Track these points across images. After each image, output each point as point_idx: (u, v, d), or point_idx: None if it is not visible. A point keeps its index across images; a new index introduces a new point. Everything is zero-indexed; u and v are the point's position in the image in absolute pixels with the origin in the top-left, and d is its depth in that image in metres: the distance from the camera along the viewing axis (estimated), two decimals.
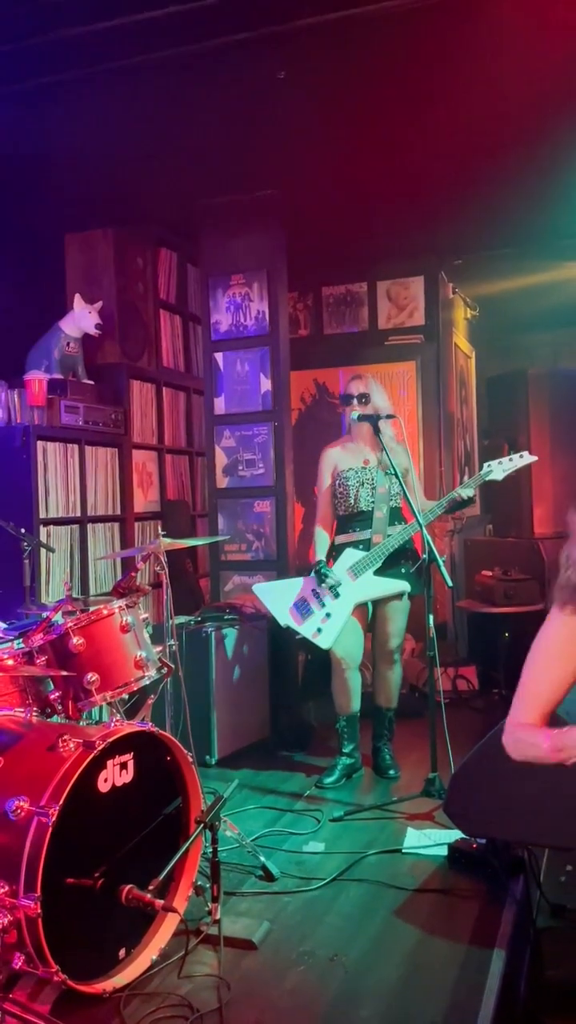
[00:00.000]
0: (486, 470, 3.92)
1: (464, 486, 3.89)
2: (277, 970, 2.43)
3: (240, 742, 4.42)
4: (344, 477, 4.09)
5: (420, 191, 5.12)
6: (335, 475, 4.13)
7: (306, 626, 3.95)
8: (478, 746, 2.83)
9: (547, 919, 2.87)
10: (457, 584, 6.01)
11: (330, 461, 4.17)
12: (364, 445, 4.12)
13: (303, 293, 6.62)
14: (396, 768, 4.09)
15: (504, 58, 3.69)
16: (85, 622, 2.78)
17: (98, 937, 2.32)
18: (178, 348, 5.96)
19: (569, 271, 6.72)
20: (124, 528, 5.12)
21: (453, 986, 2.32)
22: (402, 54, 3.66)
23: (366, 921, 2.70)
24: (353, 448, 4.15)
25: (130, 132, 4.25)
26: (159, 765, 2.57)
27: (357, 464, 4.10)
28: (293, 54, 3.62)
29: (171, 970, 2.41)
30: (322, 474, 4.18)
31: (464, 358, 7.48)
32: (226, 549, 5.19)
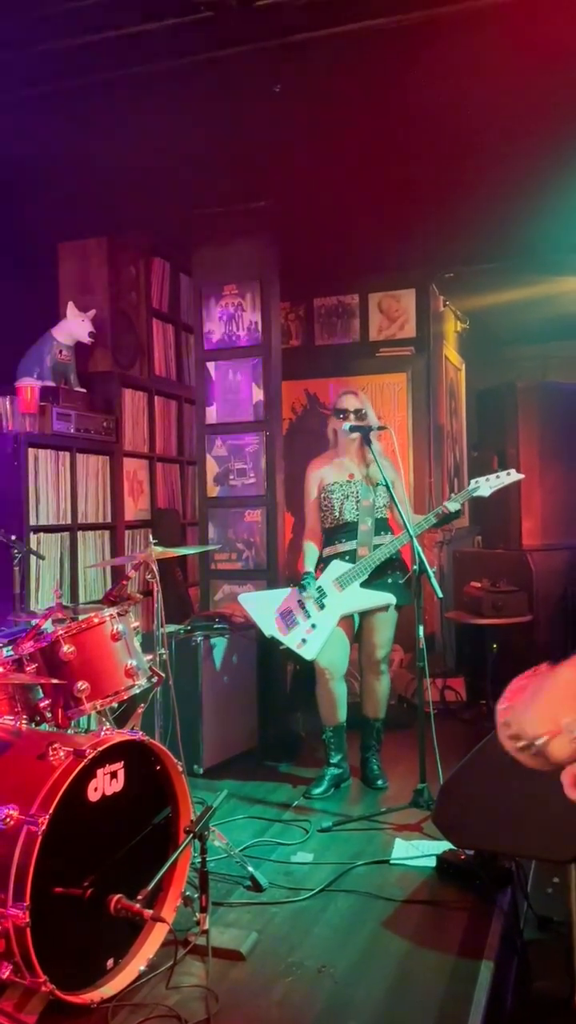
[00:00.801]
0: (473, 486, 3.95)
1: (451, 500, 3.91)
2: (265, 981, 2.42)
3: (228, 752, 4.42)
4: (329, 491, 4.11)
5: (412, 205, 5.16)
6: (320, 489, 4.16)
7: (291, 636, 3.96)
8: (467, 757, 2.84)
9: (534, 931, 2.88)
10: (446, 595, 6.03)
11: (315, 476, 4.21)
12: (349, 459, 4.14)
13: (295, 304, 6.65)
14: (384, 779, 4.09)
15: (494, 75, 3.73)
16: (76, 630, 2.78)
17: (86, 947, 2.31)
18: (170, 357, 5.98)
19: (558, 285, 6.79)
20: (114, 536, 5.12)
21: (441, 997, 2.33)
22: (395, 70, 3.70)
23: (354, 932, 2.70)
24: (339, 462, 4.17)
25: (125, 142, 4.26)
26: (149, 774, 2.57)
27: (342, 478, 4.12)
28: (289, 68, 3.65)
29: (159, 981, 2.40)
30: (308, 488, 4.21)
31: (454, 370, 7.53)
32: (216, 558, 5.19)
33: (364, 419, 4.09)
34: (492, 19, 3.35)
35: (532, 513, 5.72)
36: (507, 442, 5.85)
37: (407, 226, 5.50)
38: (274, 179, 4.78)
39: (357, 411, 4.08)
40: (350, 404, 4.11)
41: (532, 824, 2.59)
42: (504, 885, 2.91)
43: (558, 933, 2.81)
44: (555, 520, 5.77)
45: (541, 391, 5.95)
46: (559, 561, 5.67)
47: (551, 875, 3.12)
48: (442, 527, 4.27)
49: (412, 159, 4.54)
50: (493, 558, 5.88)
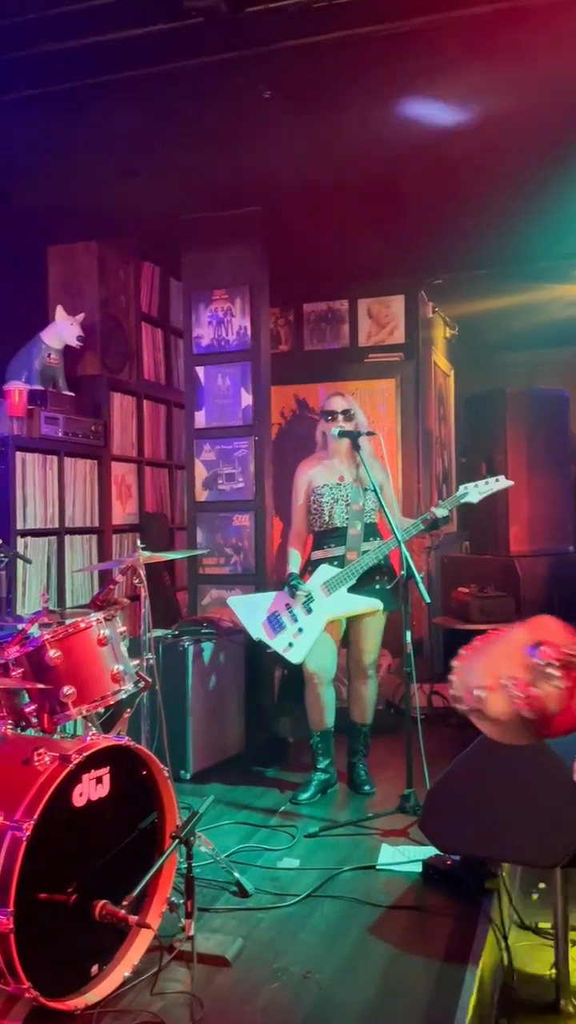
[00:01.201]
0: (462, 492, 3.96)
1: (439, 506, 3.92)
2: (250, 987, 2.42)
3: (215, 757, 4.41)
4: (319, 493, 4.11)
5: (401, 212, 5.19)
6: (309, 491, 4.15)
7: (278, 640, 3.95)
8: (453, 763, 2.85)
9: (519, 936, 2.89)
10: (433, 601, 6.04)
11: (305, 478, 4.19)
12: (339, 462, 4.14)
13: (285, 309, 6.66)
14: (371, 784, 4.09)
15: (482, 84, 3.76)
16: (62, 635, 2.76)
17: (71, 953, 2.30)
18: (159, 361, 5.98)
19: (546, 292, 6.83)
20: (102, 540, 5.11)
21: (426, 1003, 2.33)
22: (384, 78, 3.71)
23: (340, 938, 2.70)
24: (328, 465, 4.17)
25: (114, 146, 4.27)
26: (135, 780, 2.56)
27: (332, 480, 4.12)
28: (278, 74, 3.66)
29: (144, 987, 2.39)
30: (297, 490, 4.20)
31: (443, 376, 7.55)
32: (204, 563, 5.18)
33: (352, 419, 4.09)
34: (481, 29, 3.37)
35: (519, 519, 5.74)
36: (495, 448, 5.88)
37: (396, 233, 5.53)
38: (263, 184, 4.79)
39: (345, 412, 4.09)
40: (337, 405, 4.11)
41: (517, 830, 2.60)
42: (490, 891, 2.91)
43: (543, 938, 2.82)
44: (542, 526, 5.80)
45: (529, 398, 5.98)
46: (546, 567, 5.69)
47: (536, 881, 3.13)
48: (430, 532, 4.28)
49: (401, 167, 4.56)
50: (481, 563, 5.90)
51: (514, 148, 4.35)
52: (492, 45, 3.49)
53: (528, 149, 4.35)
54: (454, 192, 4.88)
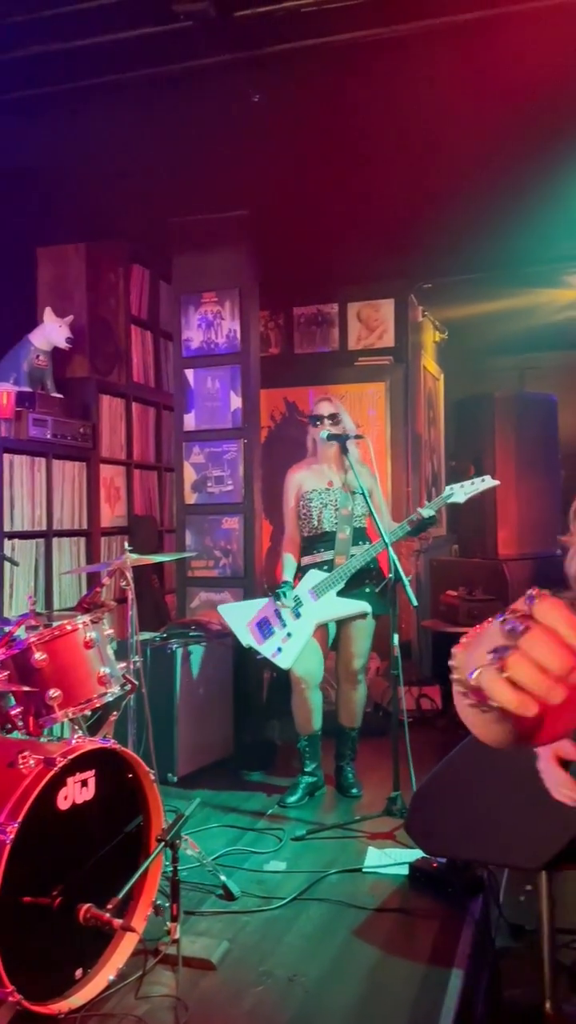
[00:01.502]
0: (448, 492, 3.97)
1: (426, 507, 3.93)
2: (235, 990, 2.42)
3: (202, 760, 4.40)
4: (308, 499, 4.12)
5: (391, 216, 5.20)
6: (299, 496, 4.16)
7: (267, 646, 3.96)
8: (439, 765, 2.85)
9: (506, 939, 2.90)
10: (422, 604, 6.05)
11: (294, 483, 4.20)
12: (328, 466, 4.15)
13: (274, 312, 6.66)
14: (359, 787, 4.09)
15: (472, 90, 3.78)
16: (48, 637, 2.76)
17: (55, 956, 2.30)
18: (149, 364, 5.97)
19: (535, 297, 6.86)
20: (90, 543, 5.09)
21: (411, 1006, 2.33)
22: (373, 82, 3.72)
23: (326, 941, 2.70)
24: (317, 469, 4.18)
25: (104, 149, 4.26)
26: (120, 783, 2.56)
27: (320, 485, 4.13)
28: (267, 78, 3.67)
29: (128, 991, 2.39)
30: (287, 496, 4.22)
31: (432, 380, 7.57)
32: (193, 565, 5.18)
33: (339, 424, 4.10)
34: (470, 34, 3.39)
35: (508, 523, 5.76)
36: (484, 452, 5.89)
37: (386, 236, 5.54)
38: (253, 188, 4.79)
39: (332, 416, 4.10)
40: (324, 410, 4.13)
41: (504, 832, 2.60)
42: (476, 893, 2.92)
43: (530, 941, 2.82)
44: (530, 530, 5.81)
45: (518, 402, 6.00)
46: (534, 570, 5.71)
47: (523, 883, 3.13)
48: (419, 535, 4.28)
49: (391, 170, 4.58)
50: (469, 567, 5.91)
51: (504, 152, 4.36)
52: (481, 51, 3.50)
53: (518, 154, 4.37)
54: (444, 196, 4.89)
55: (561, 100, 3.83)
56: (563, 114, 3.95)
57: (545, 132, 4.13)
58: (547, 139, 4.21)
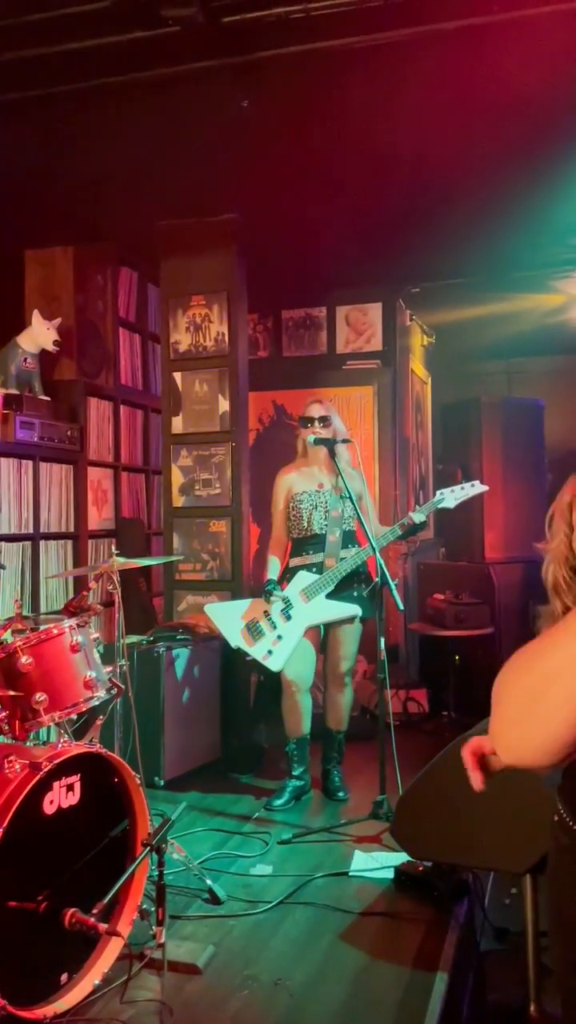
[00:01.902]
0: (438, 497, 3.98)
1: (416, 512, 3.95)
2: (221, 994, 2.42)
3: (189, 764, 4.40)
4: (298, 500, 4.12)
5: (379, 221, 5.22)
6: (289, 498, 4.17)
7: (257, 648, 3.96)
8: (425, 769, 2.86)
9: (491, 942, 2.91)
10: (409, 607, 6.07)
11: (284, 484, 4.21)
12: (318, 469, 4.16)
13: (263, 316, 6.68)
14: (345, 791, 4.10)
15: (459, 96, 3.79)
16: (34, 641, 2.75)
17: (40, 961, 2.29)
18: (137, 366, 5.97)
19: (522, 302, 6.89)
20: (77, 546, 5.09)
21: (396, 1009, 2.34)
22: (361, 89, 3.73)
23: (311, 945, 2.70)
24: (307, 472, 4.18)
25: (92, 152, 4.26)
26: (106, 787, 2.56)
27: (311, 488, 4.13)
28: (255, 84, 3.67)
29: (113, 995, 2.38)
30: (276, 497, 4.22)
31: (420, 384, 7.60)
32: (180, 568, 5.18)
33: (329, 426, 4.10)
34: (457, 42, 3.40)
35: (495, 526, 5.79)
36: (471, 456, 5.92)
37: (375, 241, 5.56)
38: (242, 192, 4.80)
39: (322, 419, 4.10)
40: (315, 412, 4.13)
41: (489, 836, 2.61)
42: (461, 896, 2.93)
43: (515, 944, 2.83)
44: (517, 533, 5.84)
45: (505, 406, 6.04)
46: (520, 574, 5.74)
47: (508, 886, 3.15)
48: (408, 539, 4.30)
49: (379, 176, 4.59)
50: (456, 570, 5.94)
51: (491, 158, 4.39)
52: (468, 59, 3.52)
53: (505, 159, 4.39)
54: (432, 201, 4.92)
55: (548, 107, 3.86)
56: (550, 120, 3.98)
57: (532, 138, 4.16)
58: (534, 145, 4.23)
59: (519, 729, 0.95)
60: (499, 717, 0.99)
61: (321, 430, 4.09)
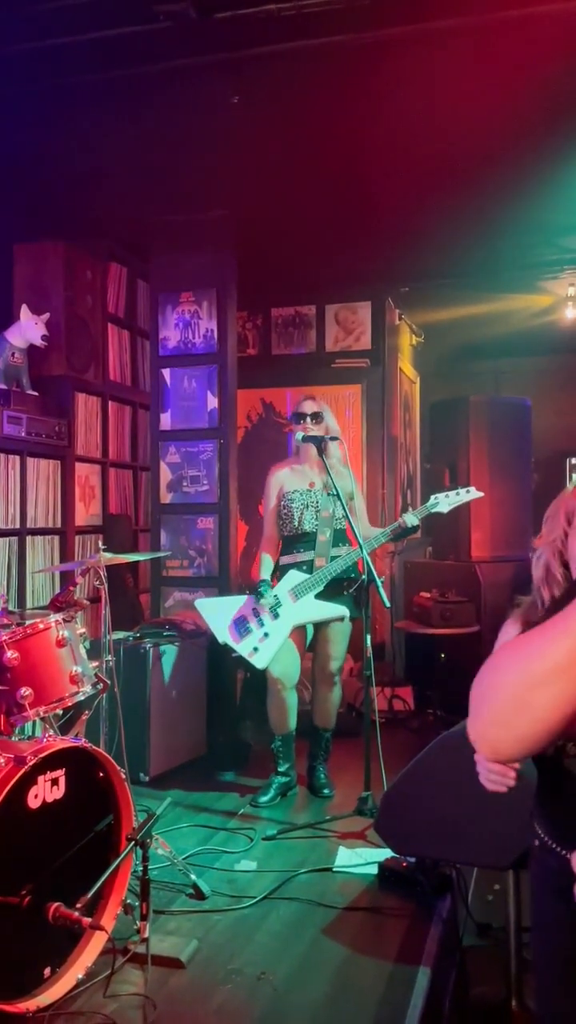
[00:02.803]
0: (432, 502, 3.99)
1: (410, 515, 3.95)
2: (204, 988, 2.42)
3: (175, 760, 4.40)
4: (289, 499, 4.12)
5: (369, 219, 5.23)
6: (280, 496, 4.16)
7: (243, 644, 3.96)
8: (410, 766, 2.88)
9: (473, 938, 2.93)
10: (395, 605, 6.09)
11: (276, 482, 4.20)
12: (310, 467, 4.16)
13: (252, 313, 6.68)
14: (331, 787, 4.11)
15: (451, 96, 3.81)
16: (20, 635, 2.75)
17: (23, 955, 2.29)
18: (125, 362, 5.96)
19: (511, 303, 6.93)
20: (64, 541, 5.07)
21: (379, 1004, 2.35)
22: (352, 87, 3.74)
23: (295, 939, 2.71)
24: (299, 470, 4.18)
25: (83, 146, 4.25)
26: (91, 782, 2.56)
27: (302, 486, 4.13)
28: (246, 80, 3.68)
29: (97, 989, 2.39)
30: (268, 494, 4.21)
31: (409, 383, 7.62)
32: (168, 565, 5.18)
33: (321, 422, 4.09)
34: (449, 40, 3.42)
35: (481, 525, 5.81)
36: (458, 455, 5.94)
37: (365, 240, 5.58)
38: (233, 189, 4.80)
39: (314, 415, 4.09)
40: (307, 408, 4.12)
41: (473, 832, 2.63)
42: (444, 892, 2.94)
43: (497, 940, 2.86)
44: (503, 533, 5.87)
45: (492, 406, 6.05)
46: (506, 573, 5.76)
47: (491, 883, 3.17)
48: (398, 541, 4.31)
49: (369, 175, 4.61)
50: (443, 569, 5.96)
51: (482, 159, 4.41)
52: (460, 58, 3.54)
53: (495, 160, 4.42)
54: (422, 201, 4.93)
55: (539, 107, 3.88)
56: (541, 122, 4.00)
57: (522, 139, 4.18)
58: (525, 146, 4.26)
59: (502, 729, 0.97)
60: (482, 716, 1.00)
61: (313, 426, 4.08)
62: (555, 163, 4.41)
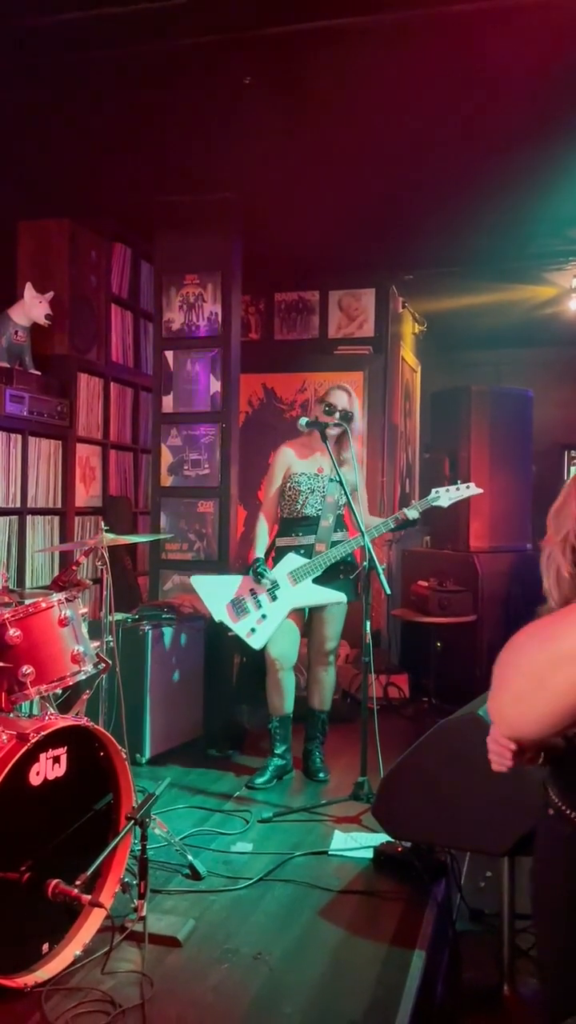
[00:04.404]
0: (433, 496, 3.99)
1: (411, 508, 3.95)
2: (201, 967, 2.44)
3: (172, 741, 4.42)
4: (296, 481, 4.10)
5: (375, 206, 5.21)
6: (287, 476, 4.14)
7: (240, 625, 3.96)
8: (407, 752, 2.89)
9: (466, 923, 2.95)
10: (393, 593, 6.10)
11: (285, 460, 4.16)
12: (321, 453, 4.13)
13: (256, 297, 6.65)
14: (326, 771, 4.13)
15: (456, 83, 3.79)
16: (23, 614, 2.74)
17: (22, 931, 2.30)
18: (128, 344, 5.93)
19: (513, 293, 6.92)
20: (64, 522, 5.07)
21: (374, 985, 2.37)
22: (365, 72, 3.72)
23: (291, 920, 2.73)
24: (310, 453, 4.16)
25: (91, 124, 4.22)
26: (92, 760, 2.56)
27: (311, 470, 4.12)
28: (259, 61, 3.65)
29: (94, 966, 2.40)
30: (274, 471, 4.16)
31: (410, 372, 7.61)
32: (167, 548, 5.18)
33: (351, 421, 4.01)
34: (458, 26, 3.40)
35: (480, 516, 5.82)
36: (459, 445, 5.95)
37: (370, 226, 5.55)
38: (240, 171, 4.77)
39: (344, 414, 3.98)
40: (340, 402, 4.03)
41: (468, 818, 2.65)
42: (438, 877, 2.97)
43: (489, 925, 2.89)
44: (502, 523, 5.88)
45: (493, 396, 6.05)
46: (504, 563, 5.78)
47: (484, 869, 3.20)
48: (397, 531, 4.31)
49: (377, 161, 4.58)
50: (441, 558, 5.98)
51: (488, 148, 4.39)
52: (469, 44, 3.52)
53: (502, 149, 4.40)
54: (427, 189, 4.91)
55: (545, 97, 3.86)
56: (547, 111, 3.98)
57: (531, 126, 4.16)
58: (531, 136, 4.24)
59: (522, 706, 0.97)
60: (502, 693, 1.00)
61: (334, 427, 4.00)
62: (563, 153, 4.39)
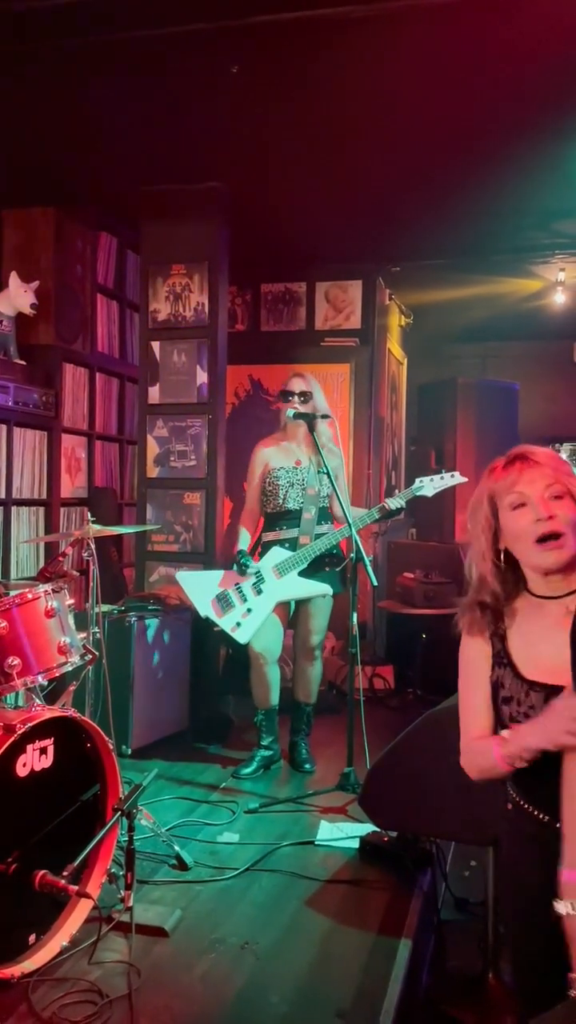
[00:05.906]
0: (417, 485, 4.00)
1: (395, 499, 3.96)
2: (188, 957, 2.45)
3: (157, 733, 4.41)
4: (274, 476, 4.10)
5: (362, 197, 5.20)
6: (265, 473, 4.14)
7: (226, 619, 3.96)
8: (395, 742, 2.90)
9: (451, 912, 2.98)
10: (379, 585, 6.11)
11: (261, 458, 4.18)
12: (297, 445, 4.14)
13: (242, 288, 6.63)
14: (312, 762, 4.14)
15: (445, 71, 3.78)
16: (9, 605, 2.73)
17: (8, 922, 2.30)
18: (114, 334, 5.90)
19: (501, 285, 6.93)
20: (49, 513, 5.04)
21: (360, 973, 2.38)
22: (353, 61, 3.70)
23: (278, 910, 2.74)
24: (286, 447, 4.17)
25: (76, 111, 4.17)
26: (79, 752, 2.56)
27: (289, 464, 4.12)
28: (247, 50, 3.62)
29: (81, 956, 2.40)
30: (253, 470, 4.19)
31: (397, 364, 7.62)
32: (153, 539, 5.16)
33: (309, 401, 4.06)
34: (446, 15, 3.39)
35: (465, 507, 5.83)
36: (445, 437, 5.97)
37: (357, 217, 5.54)
38: (227, 160, 4.74)
39: (303, 394, 4.05)
40: (296, 386, 4.08)
41: (454, 808, 2.66)
42: (424, 866, 2.99)
43: (473, 914, 2.91)
44: None
45: (479, 389, 6.08)
46: None
47: (468, 859, 3.22)
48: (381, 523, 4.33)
49: (364, 152, 4.57)
50: (426, 550, 6.00)
51: (476, 139, 4.39)
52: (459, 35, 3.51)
53: (490, 140, 4.40)
54: (415, 179, 4.91)
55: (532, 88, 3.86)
56: (534, 102, 3.98)
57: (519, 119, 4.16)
58: (518, 127, 4.24)
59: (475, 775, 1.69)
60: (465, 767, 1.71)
61: (300, 406, 4.05)
62: (550, 145, 4.40)
